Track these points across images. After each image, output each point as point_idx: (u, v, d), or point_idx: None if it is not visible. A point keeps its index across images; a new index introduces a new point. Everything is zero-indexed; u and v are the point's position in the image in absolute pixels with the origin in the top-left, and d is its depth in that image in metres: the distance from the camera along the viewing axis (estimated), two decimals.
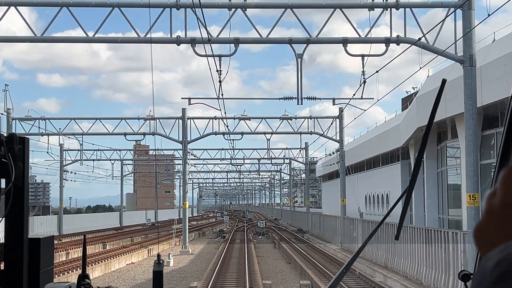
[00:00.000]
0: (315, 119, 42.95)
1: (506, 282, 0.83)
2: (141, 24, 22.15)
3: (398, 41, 19.65)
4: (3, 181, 2.55)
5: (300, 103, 21.59)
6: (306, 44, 20.02)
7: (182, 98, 32.31)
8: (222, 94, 21.72)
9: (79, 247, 42.81)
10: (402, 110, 47.98)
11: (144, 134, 42.62)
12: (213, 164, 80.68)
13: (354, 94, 26.18)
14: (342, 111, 42.33)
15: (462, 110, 19.11)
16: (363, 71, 20.88)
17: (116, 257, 35.39)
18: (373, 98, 28.32)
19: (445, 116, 25.97)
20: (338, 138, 42.94)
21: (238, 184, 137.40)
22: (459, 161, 28.84)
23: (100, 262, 33.02)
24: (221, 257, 38.33)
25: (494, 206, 0.95)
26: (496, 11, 17.37)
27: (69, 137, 51.24)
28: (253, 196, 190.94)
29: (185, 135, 42.08)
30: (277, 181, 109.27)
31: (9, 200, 2.54)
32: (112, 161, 66.64)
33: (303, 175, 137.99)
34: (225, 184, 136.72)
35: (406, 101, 47.47)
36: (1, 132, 2.71)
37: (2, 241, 2.65)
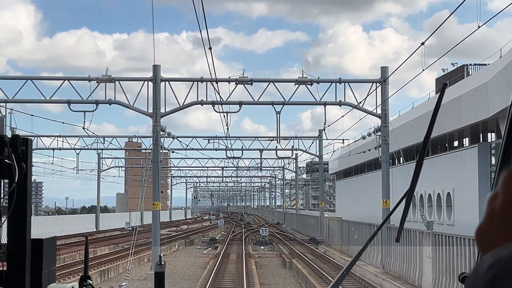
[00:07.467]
0: (346, 83, 29.50)
1: (497, 285, 0.85)
2: None
3: None
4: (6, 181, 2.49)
5: None
6: None
7: None
8: None
9: None
10: (436, 93, 36.79)
11: (97, 102, 29.18)
12: (206, 158, 67.20)
13: None
14: (388, 76, 29.05)
15: None
16: None
17: None
18: None
19: None
20: (379, 112, 29.77)
21: (236, 184, 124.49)
22: None
23: None
24: (207, 284, 25.74)
25: (495, 209, 0.96)
26: None
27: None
28: (252, 197, 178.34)
29: (157, 104, 28.75)
30: (279, 180, 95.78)
31: (12, 201, 2.51)
32: (77, 151, 53.35)
33: (304, 176, 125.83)
34: (221, 184, 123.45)
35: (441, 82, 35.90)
36: (4, 133, 2.55)
37: (5, 241, 2.60)
